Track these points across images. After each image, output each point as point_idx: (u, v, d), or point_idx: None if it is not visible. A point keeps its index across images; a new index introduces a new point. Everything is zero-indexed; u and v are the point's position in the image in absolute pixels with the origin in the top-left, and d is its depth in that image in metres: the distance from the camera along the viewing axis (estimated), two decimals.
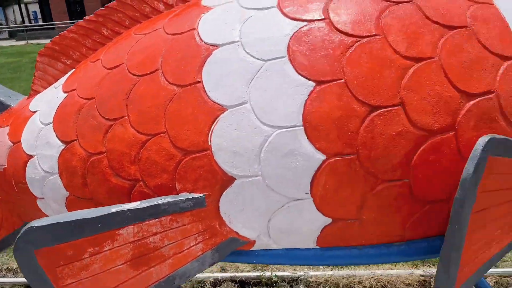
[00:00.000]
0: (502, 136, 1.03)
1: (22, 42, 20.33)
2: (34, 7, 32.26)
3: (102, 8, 1.45)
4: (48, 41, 1.64)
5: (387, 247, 1.22)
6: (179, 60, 1.20)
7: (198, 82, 1.16)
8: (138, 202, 1.11)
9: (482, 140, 1.00)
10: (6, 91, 1.68)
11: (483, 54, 1.11)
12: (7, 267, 2.98)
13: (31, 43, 19.26)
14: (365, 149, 1.08)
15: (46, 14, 30.41)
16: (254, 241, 1.21)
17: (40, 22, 30.32)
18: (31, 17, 31.22)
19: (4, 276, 2.91)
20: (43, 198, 1.39)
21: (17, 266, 2.74)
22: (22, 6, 31.25)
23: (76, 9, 28.52)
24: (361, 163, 1.08)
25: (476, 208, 1.03)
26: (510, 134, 1.10)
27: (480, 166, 0.99)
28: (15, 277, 2.90)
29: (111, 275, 1.12)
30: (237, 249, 1.22)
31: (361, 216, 1.14)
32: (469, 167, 0.99)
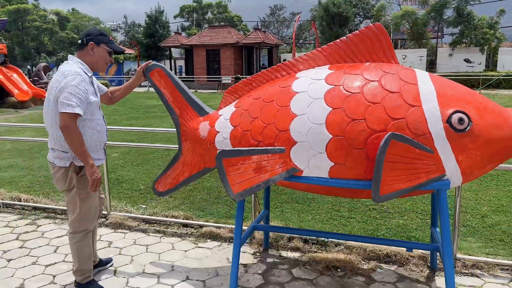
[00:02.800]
0: (399, 133, 2.63)
1: None
2: (180, 63, 38.57)
3: (251, 76, 3.45)
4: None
5: (359, 181, 2.85)
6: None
7: (287, 105, 3.00)
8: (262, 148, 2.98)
9: (388, 134, 2.62)
10: (206, 106, 3.72)
11: (402, 103, 2.75)
12: None
13: None
14: (348, 134, 2.77)
15: (189, 69, 35.92)
16: (302, 171, 2.95)
17: (183, 75, 35.91)
18: (177, 70, 37.44)
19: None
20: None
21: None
22: (172, 61, 37.70)
23: (213, 66, 33.28)
24: (346, 140, 2.78)
25: (387, 159, 2.64)
26: (412, 136, 2.69)
27: (386, 142, 2.61)
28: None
29: (244, 174, 2.98)
30: (294, 174, 2.98)
31: (346, 163, 2.81)
32: (381, 142, 2.62)
